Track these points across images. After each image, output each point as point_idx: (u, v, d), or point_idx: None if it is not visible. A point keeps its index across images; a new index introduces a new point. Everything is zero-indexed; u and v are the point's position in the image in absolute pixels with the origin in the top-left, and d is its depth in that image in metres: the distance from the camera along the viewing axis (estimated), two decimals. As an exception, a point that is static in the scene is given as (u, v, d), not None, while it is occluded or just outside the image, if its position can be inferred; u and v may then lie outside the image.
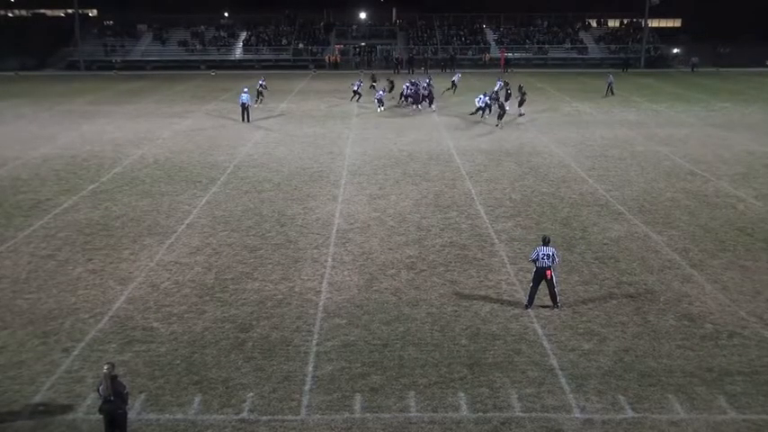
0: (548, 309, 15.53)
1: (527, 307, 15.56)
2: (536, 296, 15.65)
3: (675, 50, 75.92)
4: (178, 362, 13.40)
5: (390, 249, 19.29)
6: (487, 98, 39.33)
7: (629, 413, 11.80)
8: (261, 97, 44.28)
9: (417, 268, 17.97)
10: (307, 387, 12.57)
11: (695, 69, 66.96)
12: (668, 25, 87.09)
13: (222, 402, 12.11)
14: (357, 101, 45.73)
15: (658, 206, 23.14)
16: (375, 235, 20.44)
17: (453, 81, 49.76)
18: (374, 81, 50.96)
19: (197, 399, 12.20)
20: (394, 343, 14.11)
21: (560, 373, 13.04)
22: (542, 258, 15.18)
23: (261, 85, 45.18)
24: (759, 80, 59.53)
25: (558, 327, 14.81)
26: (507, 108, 38.26)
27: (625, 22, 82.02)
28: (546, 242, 15.45)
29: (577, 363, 13.39)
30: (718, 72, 65.77)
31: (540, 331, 14.61)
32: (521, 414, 11.78)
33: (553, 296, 15.59)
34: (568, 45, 76.53)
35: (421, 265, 18.21)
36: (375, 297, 16.24)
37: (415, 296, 16.29)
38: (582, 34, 78.64)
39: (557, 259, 15.42)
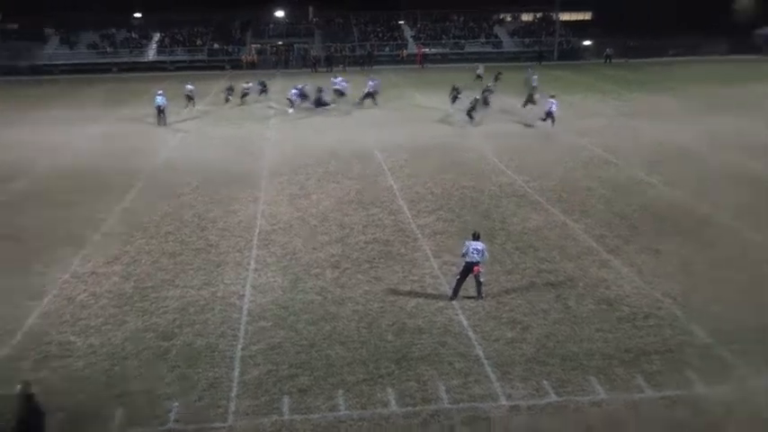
0: (472, 300, 15.74)
1: (451, 299, 15.73)
2: (462, 290, 15.84)
3: (587, 43, 78.06)
4: (98, 375, 12.98)
5: (314, 249, 19.18)
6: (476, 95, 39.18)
7: (553, 397, 12.09)
8: (192, 101, 42.85)
9: (342, 266, 17.94)
10: (233, 393, 12.38)
11: (610, 60, 69.00)
12: (579, 18, 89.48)
13: (146, 414, 11.80)
14: (227, 101, 44.26)
15: (575, 195, 23.76)
16: (298, 235, 20.29)
17: (369, 92, 44.18)
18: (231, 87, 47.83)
19: (119, 412, 11.85)
20: (321, 342, 14.05)
21: (486, 362, 13.25)
22: (472, 253, 15.30)
23: (190, 91, 43.47)
24: (665, 70, 61.84)
25: (482, 317, 15.03)
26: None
27: (538, 16, 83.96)
28: (476, 237, 15.59)
29: (502, 351, 13.63)
30: (628, 63, 68.00)
31: (465, 323, 14.80)
32: (449, 405, 11.92)
33: (479, 290, 15.78)
34: (484, 39, 77.79)
35: (345, 263, 18.18)
36: (300, 297, 16.13)
37: (341, 294, 16.26)
38: (497, 29, 79.99)
39: (486, 254, 15.56)
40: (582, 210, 22.17)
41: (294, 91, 42.58)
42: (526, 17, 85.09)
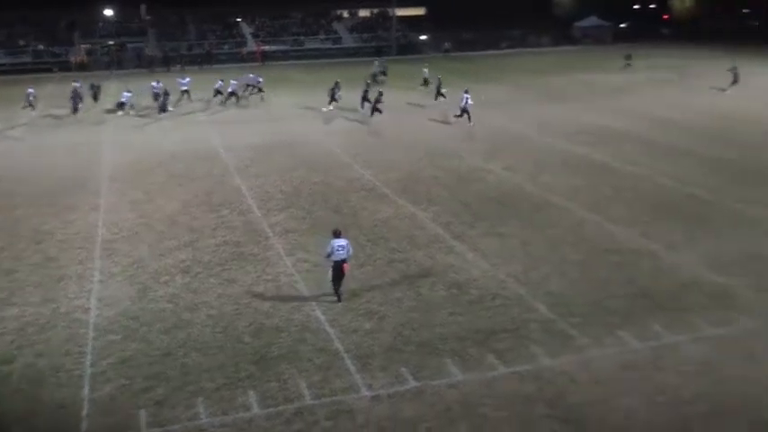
0: (329, 296, 15.84)
1: (339, 301, 15.50)
2: (317, 286, 15.90)
3: (423, 37, 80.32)
4: (-72, 409, 11.91)
5: (162, 255, 18.55)
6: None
7: (412, 383, 12.43)
8: (31, 106, 39.68)
9: (193, 271, 17.47)
10: (84, 412, 11.76)
11: (448, 54, 71.33)
12: (414, 14, 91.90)
13: (-13, 444, 10.98)
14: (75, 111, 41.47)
15: (420, 185, 24.47)
16: (144, 242, 19.54)
17: (183, 90, 42.96)
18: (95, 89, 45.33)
19: (-45, 446, 10.94)
20: (176, 351, 13.64)
21: (345, 355, 13.40)
22: (338, 251, 15.16)
23: (30, 95, 39.87)
24: (498, 62, 64.87)
25: (339, 311, 15.17)
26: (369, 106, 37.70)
27: (375, 11, 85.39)
28: (337, 234, 15.46)
29: (360, 343, 13.83)
30: (464, 56, 70.61)
31: (322, 318, 14.88)
32: (311, 402, 11.95)
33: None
34: (323, 36, 78.14)
35: (196, 267, 17.73)
36: (151, 307, 15.56)
37: (193, 300, 15.85)
38: (335, 25, 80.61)
39: (350, 250, 15.52)
40: (428, 199, 22.87)
41: (156, 84, 41.79)
42: (363, 13, 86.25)
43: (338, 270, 15.28)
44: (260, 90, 43.53)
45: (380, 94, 36.42)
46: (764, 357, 12.96)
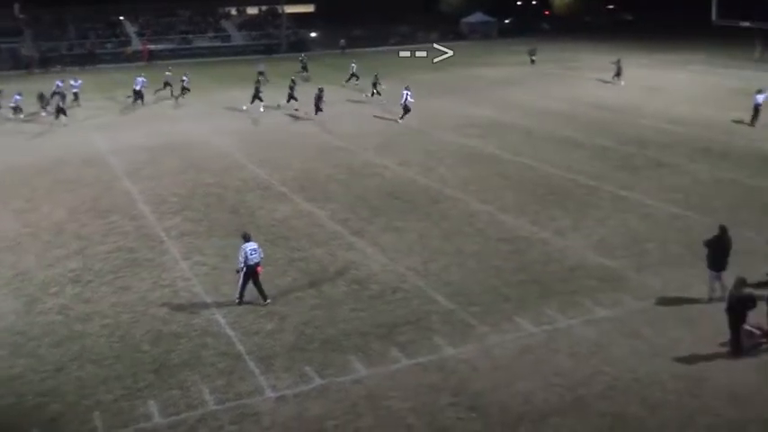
0: (227, 298, 15.60)
1: (240, 303, 15.22)
2: (216, 289, 15.63)
3: (313, 34, 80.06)
4: None
5: (50, 265, 17.74)
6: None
7: (317, 381, 12.44)
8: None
9: (84, 280, 16.81)
10: (-29, 435, 11.13)
11: (345, 51, 71.29)
12: (303, 11, 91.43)
13: None
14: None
15: (317, 183, 24.44)
16: (29, 252, 18.63)
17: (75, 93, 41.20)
18: None
19: None
20: (69, 365, 13.09)
21: (248, 357, 13.25)
22: (251, 255, 14.90)
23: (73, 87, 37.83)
24: (389, 58, 65.43)
25: (240, 313, 14.98)
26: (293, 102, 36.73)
27: (263, 9, 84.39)
28: (247, 238, 15.20)
29: (263, 344, 13.72)
30: (355, 52, 70.73)
31: (222, 321, 14.65)
32: (215, 407, 11.76)
33: (262, 290, 15.40)
34: (212, 34, 76.55)
35: (87, 276, 17.06)
36: (39, 320, 14.86)
37: (85, 310, 15.25)
38: (224, 23, 79.11)
39: (261, 252, 15.25)
40: (325, 196, 22.88)
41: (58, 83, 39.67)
42: (252, 10, 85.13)
43: (252, 272, 15.04)
44: (185, 89, 41.80)
45: (321, 90, 35.42)
46: (650, 335, 13.72)
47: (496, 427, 11.13)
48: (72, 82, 41.92)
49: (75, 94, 41.11)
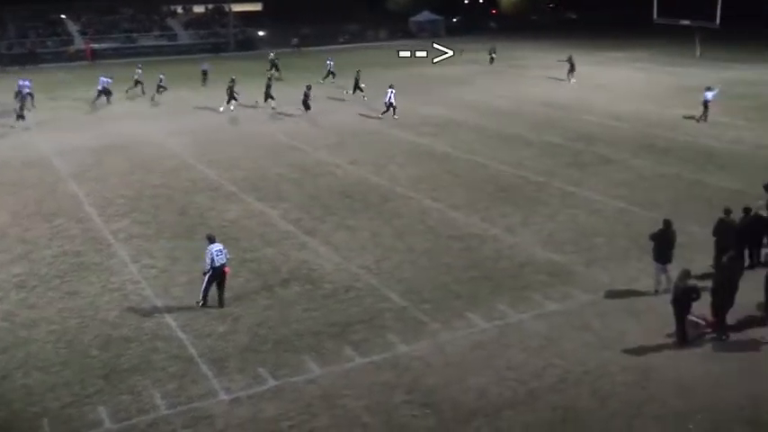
0: (178, 301, 15.41)
1: (203, 305, 14.98)
2: (166, 292, 15.40)
3: (261, 33, 79.40)
4: None
5: (-8, 271, 17.26)
6: None
7: (271, 382, 12.36)
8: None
9: (28, 286, 16.38)
10: None
11: (299, 50, 70.83)
12: (251, 9, 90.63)
13: None
14: None
15: (268, 182, 24.27)
16: (-29, 258, 18.09)
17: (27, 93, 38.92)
18: None
19: None
20: (14, 372, 12.76)
21: (200, 360, 13.10)
22: (217, 257, 14.72)
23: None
24: (338, 56, 65.18)
25: (191, 316, 14.79)
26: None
27: (210, 7, 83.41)
28: (212, 240, 15.01)
29: (215, 347, 13.57)
30: (302, 51, 70.37)
31: (173, 324, 14.45)
32: (167, 411, 11.60)
33: (223, 293, 15.21)
34: (157, 33, 75.32)
35: (32, 281, 16.64)
36: (-18, 327, 14.44)
37: (31, 316, 14.87)
38: (170, 21, 77.90)
39: (227, 253, 15.09)
40: (277, 196, 22.74)
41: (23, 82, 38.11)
42: (198, 9, 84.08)
43: (219, 274, 14.86)
44: (161, 88, 41.17)
45: (309, 87, 35.41)
46: (599, 328, 14.00)
47: (450, 422, 11.23)
48: (21, 82, 40.70)
49: (28, 95, 39.91)
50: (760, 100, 37.38)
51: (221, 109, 36.64)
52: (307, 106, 34.84)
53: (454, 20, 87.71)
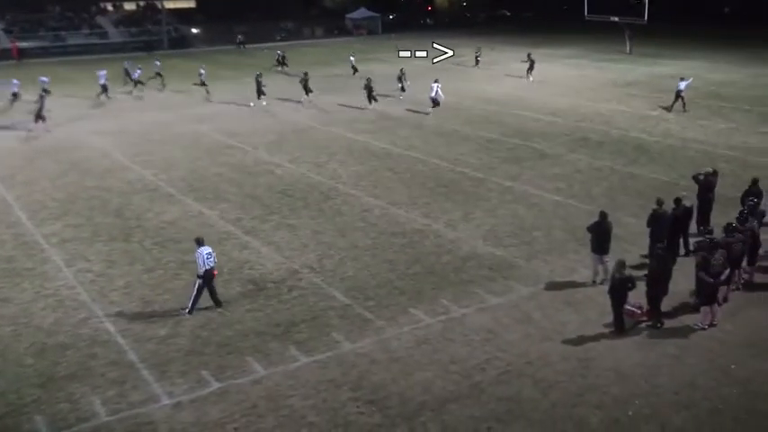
0: (115, 305, 15.07)
1: (191, 312, 14.62)
2: (103, 296, 15.01)
3: (195, 31, 78.11)
4: None
5: None
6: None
7: (215, 385, 12.19)
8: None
9: (-43, 294, 15.78)
10: None
11: (243, 47, 69.80)
12: (184, 6, 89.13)
13: None
14: None
15: (206, 183, 23.91)
16: None
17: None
18: None
19: None
20: (-56, 385, 12.27)
21: (141, 365, 12.83)
22: (207, 259, 14.43)
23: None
24: (274, 54, 64.70)
25: (130, 320, 14.48)
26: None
27: (141, 4, 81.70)
28: (201, 243, 14.69)
29: (156, 351, 13.31)
30: (242, 49, 69.46)
31: (112, 329, 14.12)
32: (108, 418, 11.34)
33: (215, 294, 14.96)
34: (87, 31, 73.36)
35: (-39, 289, 16.03)
36: None
37: (-39, 326, 14.32)
38: (100, 19, 75.97)
39: (214, 255, 14.80)
40: (216, 196, 22.43)
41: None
42: (129, 6, 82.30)
43: (210, 277, 14.61)
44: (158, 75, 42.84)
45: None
46: (540, 319, 14.25)
47: (396, 418, 11.27)
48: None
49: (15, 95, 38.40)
50: (687, 94, 38.64)
51: (252, 104, 36.96)
52: (373, 99, 35.84)
53: (390, 17, 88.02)
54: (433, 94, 34.06)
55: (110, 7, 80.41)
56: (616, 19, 58.17)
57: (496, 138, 29.43)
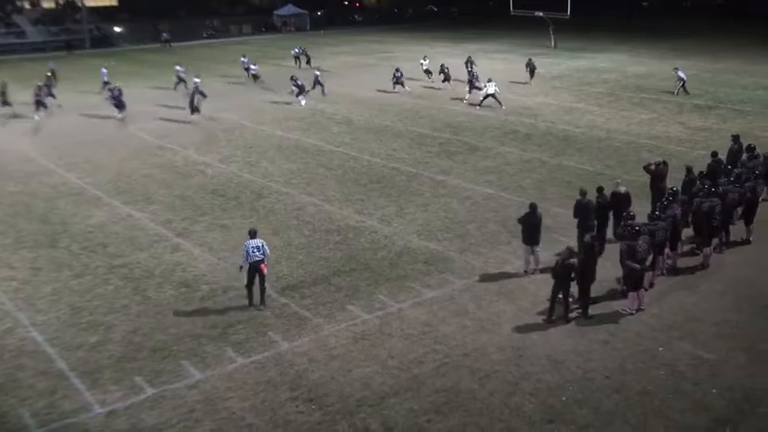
0: (42, 313, 14.60)
1: (250, 305, 14.54)
2: (29, 305, 14.53)
3: (118, 29, 76.14)
4: None
5: None
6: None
7: (150, 391, 11.95)
8: None
9: None
10: None
11: (169, 45, 68.17)
12: (105, 4, 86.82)
13: None
14: None
15: (135, 184, 23.38)
16: None
17: None
18: None
19: None
20: None
21: (72, 374, 12.48)
22: (253, 252, 14.17)
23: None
24: (203, 52, 63.66)
25: (58, 328, 14.06)
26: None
27: (61, 2, 79.21)
28: (253, 235, 14.51)
29: (87, 358, 12.97)
30: (167, 48, 68.02)
31: (39, 338, 13.68)
32: (38, 430, 10.98)
33: (263, 292, 14.69)
34: (4, 30, 70.73)
35: None
36: None
37: None
38: (17, 17, 73.32)
39: (267, 250, 14.55)
40: (145, 198, 21.95)
41: None
42: (48, 4, 79.67)
43: (255, 271, 14.37)
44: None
45: (397, 70, 38.88)
46: (475, 311, 14.45)
47: (336, 415, 11.27)
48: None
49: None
50: (609, 86, 39.76)
51: (303, 102, 35.97)
52: (400, 84, 38.41)
53: (318, 13, 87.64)
54: (486, 92, 34.05)
55: (27, 5, 77.64)
56: (541, 14, 59.38)
57: (427, 132, 29.67)
